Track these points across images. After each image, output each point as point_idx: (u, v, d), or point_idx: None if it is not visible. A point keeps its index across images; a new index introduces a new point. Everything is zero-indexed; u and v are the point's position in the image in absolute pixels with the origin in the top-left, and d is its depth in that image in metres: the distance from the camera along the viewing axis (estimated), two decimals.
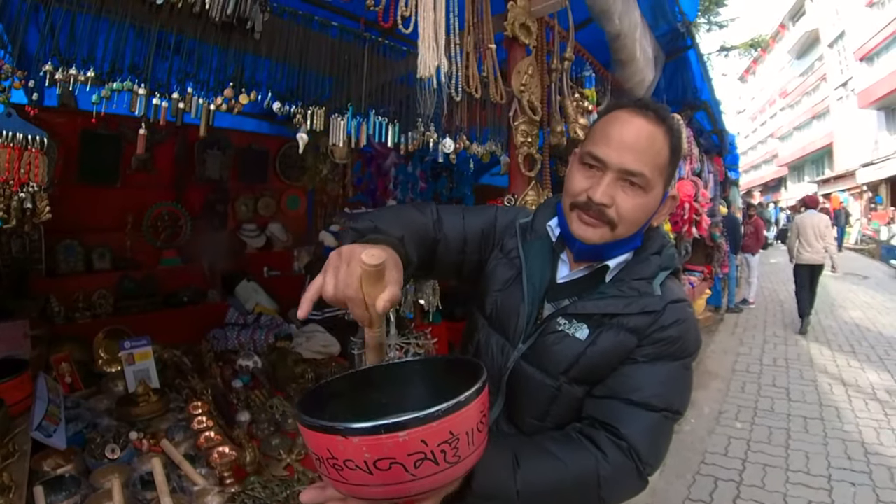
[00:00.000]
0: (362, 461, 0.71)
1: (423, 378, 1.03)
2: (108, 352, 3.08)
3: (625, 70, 3.41)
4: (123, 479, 1.78)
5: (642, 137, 1.04)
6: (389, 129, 2.07)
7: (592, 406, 1.08)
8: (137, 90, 1.61)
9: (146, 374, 2.60)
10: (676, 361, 1.08)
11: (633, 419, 1.02)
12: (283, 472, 2.09)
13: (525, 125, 2.42)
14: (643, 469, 1.00)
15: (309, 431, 0.75)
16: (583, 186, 1.08)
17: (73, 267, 3.62)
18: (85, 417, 2.21)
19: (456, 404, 0.74)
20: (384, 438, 0.70)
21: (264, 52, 1.88)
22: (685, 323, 1.09)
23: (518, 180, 2.43)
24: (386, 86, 2.16)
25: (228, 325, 3.74)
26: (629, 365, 1.07)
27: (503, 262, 1.24)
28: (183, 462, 1.88)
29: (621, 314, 1.08)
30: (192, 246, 4.29)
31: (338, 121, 1.96)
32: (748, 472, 3.79)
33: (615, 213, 1.06)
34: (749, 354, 6.93)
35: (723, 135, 7.41)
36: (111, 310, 3.60)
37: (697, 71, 4.70)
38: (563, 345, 1.10)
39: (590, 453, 0.99)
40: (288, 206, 5.23)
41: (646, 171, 1.04)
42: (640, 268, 1.14)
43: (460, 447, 0.76)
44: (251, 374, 2.99)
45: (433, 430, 0.72)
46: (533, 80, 2.43)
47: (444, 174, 4.44)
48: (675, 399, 1.06)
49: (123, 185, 3.93)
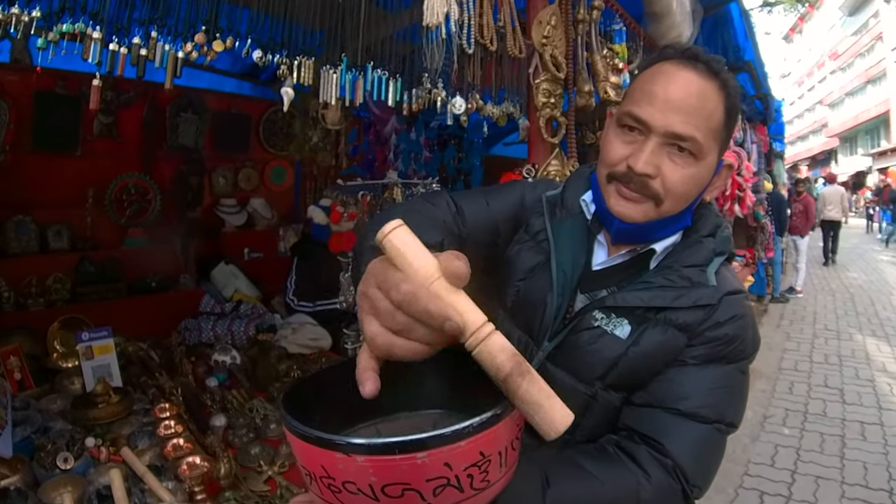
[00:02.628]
0: (367, 485, 0.63)
1: (434, 369, 0.92)
2: (64, 344, 3.07)
3: (659, 25, 3.34)
4: (77, 494, 1.75)
5: (692, 94, 0.98)
6: (390, 85, 1.99)
7: (632, 416, 1.03)
8: (91, 34, 1.54)
9: (106, 371, 2.58)
10: (731, 364, 1.03)
11: (680, 433, 0.97)
12: (263, 487, 2.05)
13: (547, 84, 2.35)
14: (690, 491, 0.95)
15: (299, 442, 0.67)
16: (622, 154, 1.02)
17: (26, 247, 3.58)
18: (35, 421, 2.17)
19: (492, 418, 0.65)
20: (398, 460, 0.62)
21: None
22: (743, 319, 1.04)
23: (539, 147, 2.37)
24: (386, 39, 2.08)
25: (203, 314, 3.73)
26: (676, 368, 1.02)
27: (528, 246, 1.18)
28: (147, 474, 1.84)
29: (670, 308, 1.02)
30: (162, 224, 4.26)
31: (329, 74, 1.87)
32: (798, 486, 3.76)
33: (660, 186, 1.00)
34: (797, 350, 6.92)
35: (767, 100, 7.34)
36: (68, 296, 3.57)
37: (741, 27, 4.63)
38: (599, 344, 1.04)
39: (629, 472, 0.94)
40: (272, 180, 5.21)
41: (697, 134, 0.97)
42: (690, 253, 1.08)
43: (490, 470, 0.69)
44: (228, 372, 2.96)
45: (461, 451, 0.64)
46: (556, 32, 2.36)
47: (452, 142, 4.38)
48: (728, 409, 1.01)
49: (83, 153, 3.88)
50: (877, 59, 30.04)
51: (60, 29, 1.50)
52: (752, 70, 5.63)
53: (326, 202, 3.35)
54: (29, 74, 3.44)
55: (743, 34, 4.73)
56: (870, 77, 31.22)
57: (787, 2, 17.95)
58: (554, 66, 2.35)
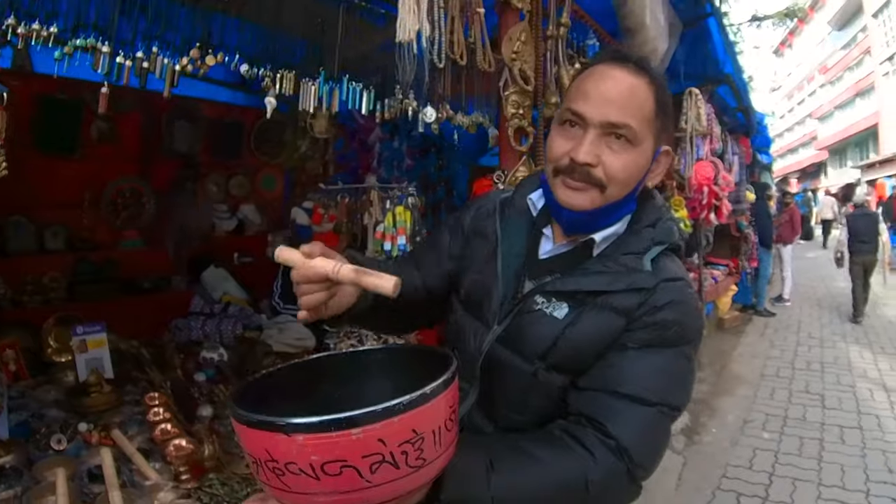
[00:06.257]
0: (307, 464, 0.68)
1: (386, 369, 1.01)
2: (59, 340, 3.12)
3: (633, 39, 3.38)
4: (70, 473, 1.81)
5: (624, 88, 1.05)
6: (364, 95, 2.10)
7: (577, 400, 1.06)
8: (101, 48, 1.70)
9: (99, 364, 2.64)
10: (672, 348, 1.06)
11: (623, 415, 1.00)
12: (245, 470, 2.11)
13: (516, 96, 2.44)
14: (635, 472, 0.98)
15: (244, 428, 0.71)
16: (564, 149, 1.07)
17: (23, 246, 3.63)
18: (31, 408, 2.26)
19: (421, 397, 0.72)
20: (334, 437, 0.67)
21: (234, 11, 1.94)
22: (683, 305, 1.07)
23: (508, 155, 2.46)
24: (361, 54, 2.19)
25: (192, 314, 3.79)
26: (617, 352, 1.06)
27: (480, 244, 1.26)
28: (135, 454, 1.92)
29: (606, 292, 1.07)
30: (157, 226, 4.31)
31: (308, 86, 2.00)
32: (775, 488, 3.77)
33: (602, 174, 1.05)
34: (780, 358, 6.93)
35: (749, 112, 7.38)
36: (64, 295, 3.63)
37: (719, 41, 4.71)
38: (539, 324, 1.10)
39: (576, 454, 0.97)
40: (263, 187, 5.27)
41: (631, 122, 1.04)
42: (630, 241, 1.12)
43: (425, 448, 0.73)
44: (216, 368, 3.02)
45: (393, 428, 0.69)
46: (526, 48, 2.45)
47: (432, 150, 4.45)
48: (671, 392, 1.05)
49: (82, 157, 3.93)
50: (865, 72, 30.02)
51: (75, 43, 1.66)
52: (732, 83, 5.70)
53: (309, 204, 3.43)
54: (30, 80, 3.48)
55: (722, 48, 4.81)
56: (859, 90, 31.19)
57: (776, 16, 17.97)
58: (523, 80, 2.43)
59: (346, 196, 3.05)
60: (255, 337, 3.46)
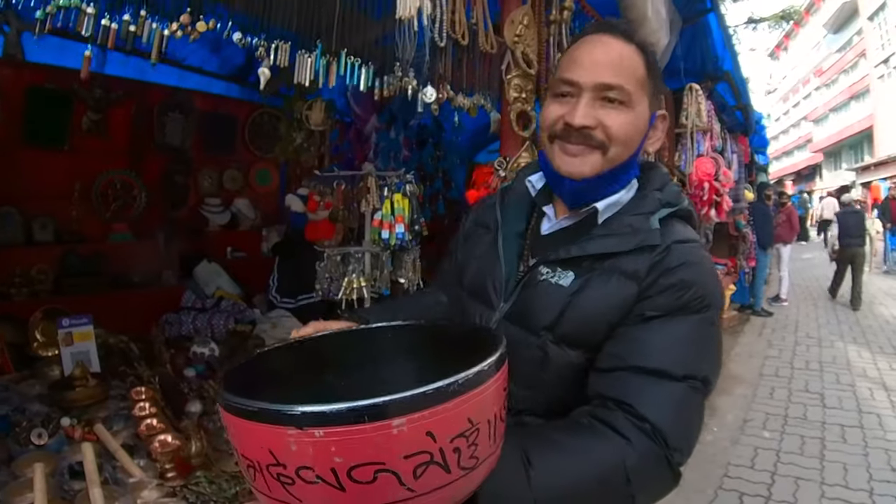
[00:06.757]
0: (328, 469, 0.50)
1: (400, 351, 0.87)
2: (46, 334, 3.05)
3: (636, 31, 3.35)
4: (50, 469, 1.75)
5: (614, 53, 1.04)
6: (363, 71, 2.04)
7: (599, 381, 0.99)
8: (86, 9, 1.61)
9: (86, 358, 2.59)
10: (695, 315, 0.98)
11: (651, 393, 0.92)
12: (234, 468, 2.03)
13: (519, 79, 2.40)
14: (672, 457, 0.89)
15: (238, 421, 0.54)
16: (558, 114, 1.06)
17: (11, 238, 3.59)
18: (13, 402, 2.19)
19: (480, 374, 0.56)
20: (369, 431, 0.50)
21: None
22: (698, 266, 1.01)
23: (510, 140, 2.42)
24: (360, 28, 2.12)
25: (184, 309, 3.72)
26: (638, 325, 0.98)
27: (481, 234, 1.27)
28: (119, 451, 1.86)
29: (613, 255, 1.02)
30: (147, 220, 4.26)
31: (304, 58, 1.94)
32: (778, 487, 3.74)
33: (603, 135, 1.03)
34: (778, 357, 6.91)
35: (748, 111, 7.34)
36: (52, 288, 3.58)
37: (719, 37, 4.65)
38: (543, 294, 1.06)
39: (610, 441, 0.88)
40: (257, 181, 5.23)
41: (624, 83, 1.03)
42: (637, 205, 1.09)
43: (480, 443, 0.58)
44: (206, 363, 2.96)
45: (446, 417, 0.53)
46: (529, 32, 2.42)
47: (430, 141, 4.40)
48: (699, 363, 0.96)
49: (72, 149, 3.91)
50: (860, 75, 30.20)
51: (58, 3, 1.57)
52: (731, 80, 5.62)
53: (304, 191, 3.35)
54: (21, 70, 3.47)
55: (721, 44, 4.75)
56: (853, 93, 31.39)
57: (771, 19, 18.06)
58: (525, 63, 2.39)
59: (342, 183, 2.97)
60: (248, 331, 3.39)
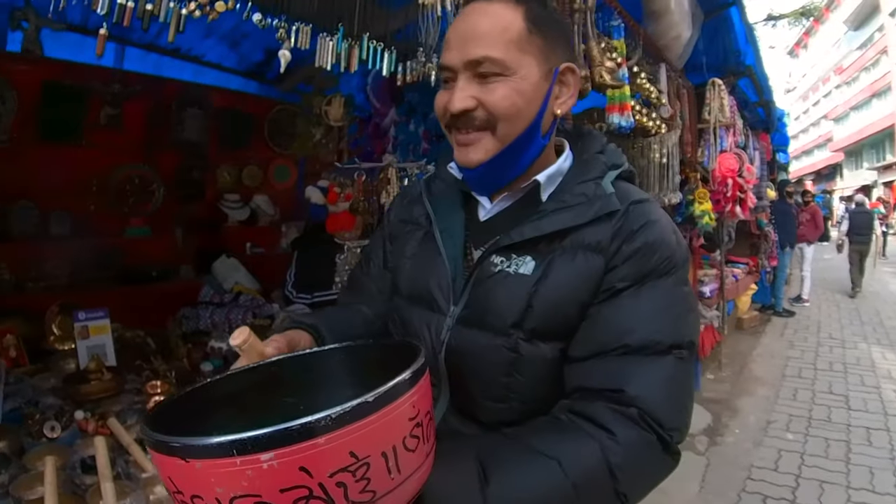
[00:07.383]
0: (213, 498, 0.52)
1: (351, 371, 0.87)
2: (63, 328, 3.03)
3: (658, 23, 3.36)
4: (61, 462, 1.71)
5: (479, 20, 0.95)
6: (385, 55, 1.98)
7: (578, 373, 0.91)
8: None
9: (101, 351, 2.57)
10: (666, 277, 0.92)
11: (637, 373, 0.86)
12: None
13: None
14: (668, 438, 0.83)
15: (151, 450, 0.57)
16: (441, 104, 0.99)
17: (28, 231, 3.58)
18: (26, 394, 2.16)
19: (360, 408, 0.55)
20: (239, 464, 0.51)
21: None
22: (658, 224, 0.95)
23: None
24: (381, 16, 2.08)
25: (201, 303, 3.69)
26: (608, 302, 0.91)
27: (411, 231, 1.16)
28: (132, 445, 1.80)
29: (573, 229, 0.94)
30: (164, 215, 4.26)
31: (326, 41, 1.89)
32: (802, 490, 3.66)
33: (484, 113, 0.94)
34: (801, 358, 6.78)
35: (770, 108, 7.26)
36: (67, 282, 3.58)
37: (741, 31, 4.58)
38: (504, 287, 0.95)
39: (589, 437, 0.81)
40: (276, 178, 5.22)
41: (492, 52, 0.92)
42: (581, 171, 1.01)
43: (373, 477, 0.57)
44: (224, 358, 2.91)
45: (320, 452, 0.53)
46: None
47: None
48: (681, 328, 0.90)
49: (88, 143, 3.90)
50: (882, 72, 29.87)
51: None
52: (753, 75, 5.55)
53: (324, 183, 3.32)
54: (38, 65, 3.47)
55: (743, 38, 4.68)
56: (875, 91, 31.06)
57: (791, 15, 17.86)
58: None
59: (362, 174, 2.92)
60: (266, 326, 3.33)
